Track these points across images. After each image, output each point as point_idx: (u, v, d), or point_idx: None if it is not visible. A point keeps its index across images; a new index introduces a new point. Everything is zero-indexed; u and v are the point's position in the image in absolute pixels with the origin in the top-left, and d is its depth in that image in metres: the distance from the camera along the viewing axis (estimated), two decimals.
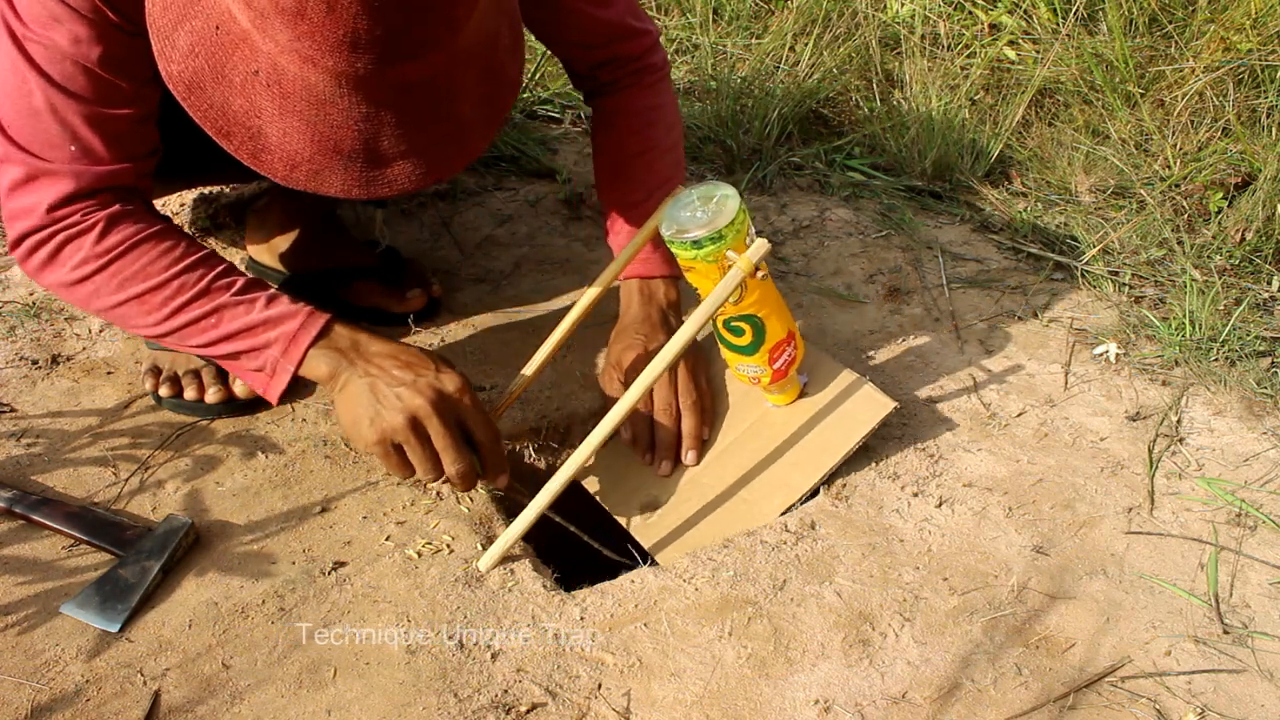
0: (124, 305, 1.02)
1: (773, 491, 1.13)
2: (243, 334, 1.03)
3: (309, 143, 0.85)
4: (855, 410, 1.15)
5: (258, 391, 1.08)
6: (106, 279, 1.01)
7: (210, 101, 0.84)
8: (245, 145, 0.86)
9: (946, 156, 1.92)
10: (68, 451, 1.15)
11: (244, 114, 0.84)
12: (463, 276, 1.55)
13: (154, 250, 1.02)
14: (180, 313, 1.02)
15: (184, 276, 1.02)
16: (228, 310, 1.03)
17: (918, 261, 1.64)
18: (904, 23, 2.24)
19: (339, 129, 0.84)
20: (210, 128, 0.86)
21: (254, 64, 0.81)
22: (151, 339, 1.11)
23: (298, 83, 0.81)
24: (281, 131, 0.84)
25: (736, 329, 1.10)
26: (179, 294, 1.02)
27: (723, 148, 1.96)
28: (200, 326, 1.03)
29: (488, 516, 1.11)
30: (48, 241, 1.00)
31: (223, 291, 1.03)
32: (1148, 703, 0.92)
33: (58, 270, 1.02)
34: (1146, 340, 1.45)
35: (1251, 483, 1.19)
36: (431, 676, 0.91)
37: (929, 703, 0.91)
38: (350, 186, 0.88)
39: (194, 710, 0.87)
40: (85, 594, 0.96)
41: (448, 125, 0.89)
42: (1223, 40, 1.95)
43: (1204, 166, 1.82)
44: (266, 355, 1.04)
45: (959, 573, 1.04)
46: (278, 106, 0.83)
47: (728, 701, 0.90)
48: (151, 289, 1.02)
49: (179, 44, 0.84)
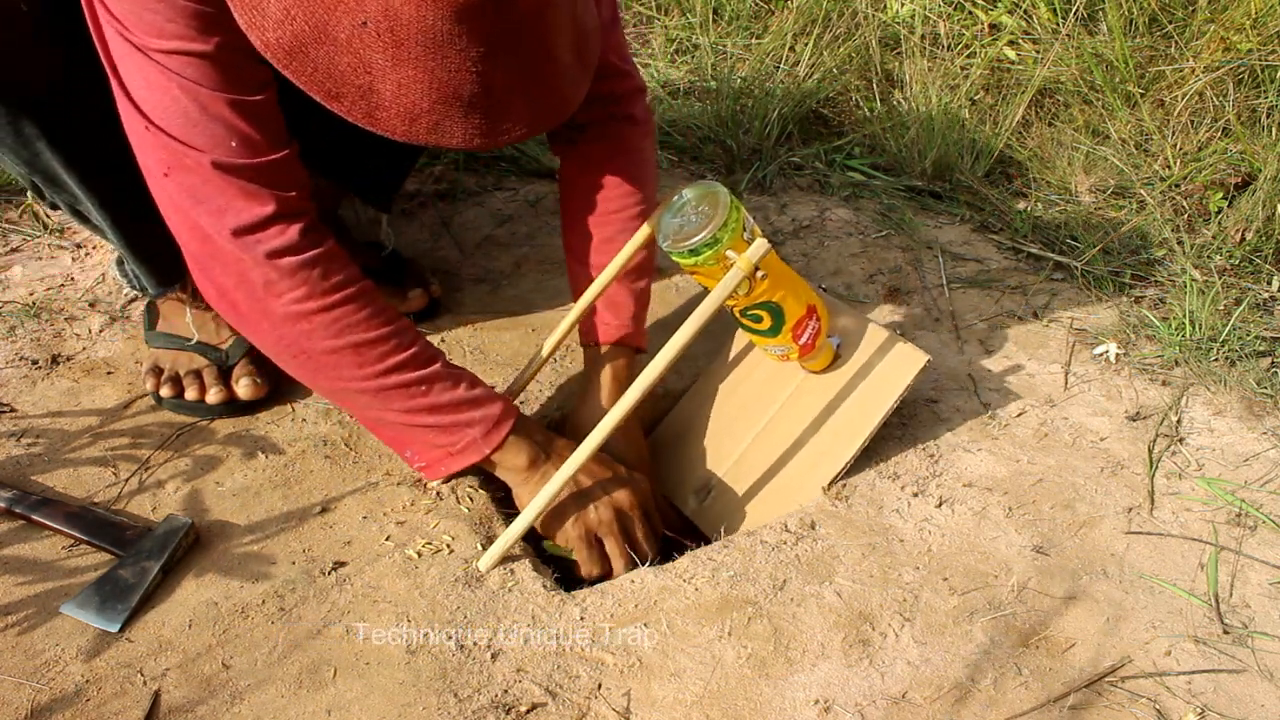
0: (339, 354, 0.97)
1: (818, 463, 1.15)
2: (448, 409, 1.01)
3: (427, 92, 0.81)
4: (889, 369, 1.15)
5: (417, 466, 1.06)
6: (328, 322, 0.95)
7: (315, 64, 0.80)
8: (358, 105, 0.82)
9: (946, 156, 1.92)
10: (68, 451, 1.15)
11: (353, 71, 0.80)
12: (463, 276, 1.55)
13: (373, 303, 0.98)
14: (394, 373, 0.98)
15: (400, 337, 0.99)
16: (439, 381, 1.00)
17: (918, 261, 1.64)
18: (904, 23, 2.24)
19: (457, 73, 0.80)
20: (318, 91, 0.81)
21: (361, 15, 0.77)
22: (337, 397, 1.04)
23: (413, 26, 0.77)
24: (396, 84, 0.81)
25: (754, 316, 1.10)
26: (396, 352, 0.98)
27: (723, 148, 1.96)
28: (410, 392, 0.99)
29: (488, 516, 1.11)
30: (258, 268, 0.93)
31: (433, 361, 1.01)
32: (1148, 703, 0.92)
33: (271, 301, 0.95)
34: (1146, 340, 1.45)
35: (1251, 483, 1.18)
36: (431, 676, 0.91)
37: (929, 703, 0.91)
38: (472, 136, 0.85)
39: (194, 710, 0.87)
40: (85, 594, 0.96)
41: (554, 68, 0.87)
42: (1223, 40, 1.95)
43: (1204, 166, 1.82)
44: (466, 434, 1.02)
45: (959, 573, 1.04)
46: (390, 57, 0.79)
47: (728, 701, 0.90)
48: (371, 342, 0.97)
49: (270, 11, 0.80)
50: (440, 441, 1.03)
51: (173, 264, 1.23)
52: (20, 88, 0.99)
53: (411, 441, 1.05)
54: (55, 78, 1.01)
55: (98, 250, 1.54)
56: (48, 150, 1.04)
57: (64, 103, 1.03)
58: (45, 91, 1.01)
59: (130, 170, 1.10)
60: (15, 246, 1.54)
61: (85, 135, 1.06)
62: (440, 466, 1.05)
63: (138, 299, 1.42)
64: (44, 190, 1.12)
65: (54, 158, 1.05)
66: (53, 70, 1.00)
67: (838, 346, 1.19)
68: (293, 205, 0.96)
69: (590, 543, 1.07)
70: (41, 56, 1.00)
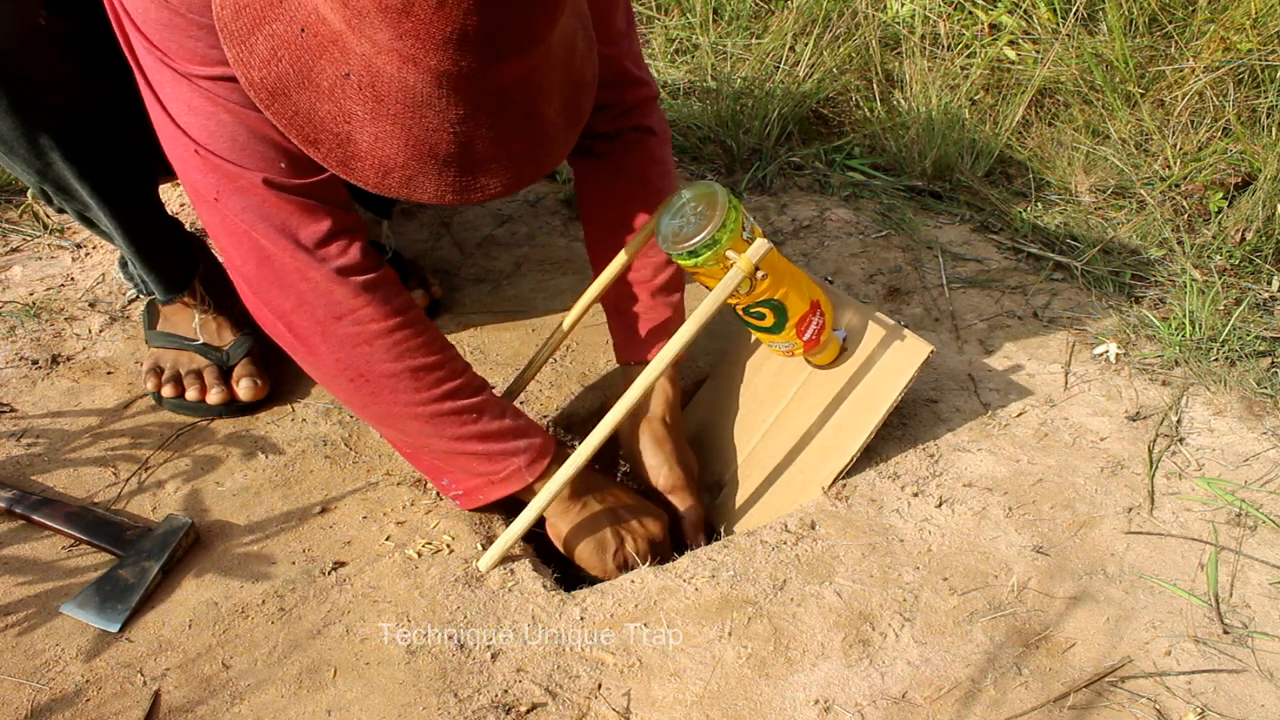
0: (397, 378, 0.97)
1: (825, 458, 1.15)
2: (496, 437, 1.02)
3: (403, 148, 0.81)
4: (894, 361, 1.15)
5: (454, 494, 1.07)
6: (389, 345, 0.96)
7: (296, 108, 0.81)
8: (334, 153, 0.82)
9: (946, 156, 1.92)
10: (68, 451, 1.15)
11: (332, 119, 0.81)
12: (463, 276, 1.55)
13: (429, 329, 0.99)
14: (449, 399, 0.99)
15: (453, 363, 1.00)
16: (490, 408, 1.01)
17: (918, 261, 1.64)
18: (904, 23, 2.24)
19: (435, 133, 0.80)
20: (296, 135, 0.82)
21: (345, 66, 0.78)
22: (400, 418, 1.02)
23: (394, 85, 0.77)
24: (373, 137, 0.81)
25: (757, 314, 1.10)
26: (451, 378, 0.99)
27: (723, 148, 1.96)
28: (462, 419, 1.00)
29: (488, 516, 1.11)
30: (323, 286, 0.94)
31: (484, 389, 1.02)
32: (1148, 703, 0.92)
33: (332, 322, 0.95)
34: (1146, 340, 1.45)
35: (1251, 483, 1.18)
36: (431, 676, 0.91)
37: (929, 703, 0.91)
38: (444, 192, 0.85)
39: (194, 710, 0.87)
40: (85, 594, 0.96)
41: (538, 127, 0.87)
42: (1223, 40, 1.95)
43: (1204, 166, 1.82)
44: (511, 463, 1.03)
45: (959, 573, 1.04)
46: (370, 111, 0.79)
47: (728, 701, 0.90)
48: (429, 367, 0.98)
49: (258, 49, 0.80)
50: (483, 469, 1.04)
51: (181, 271, 1.23)
52: (41, 104, 1.00)
53: (452, 470, 1.05)
54: (74, 93, 1.02)
55: (98, 250, 1.54)
56: (62, 162, 1.05)
57: (81, 118, 1.03)
58: (64, 107, 1.02)
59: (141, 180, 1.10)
60: (15, 246, 1.54)
61: (100, 149, 1.06)
62: (479, 495, 1.05)
63: (138, 299, 1.42)
64: (53, 197, 1.12)
65: (67, 169, 1.06)
66: (72, 86, 1.01)
67: (843, 340, 1.19)
68: (349, 222, 0.96)
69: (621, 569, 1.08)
70: (63, 73, 1.00)
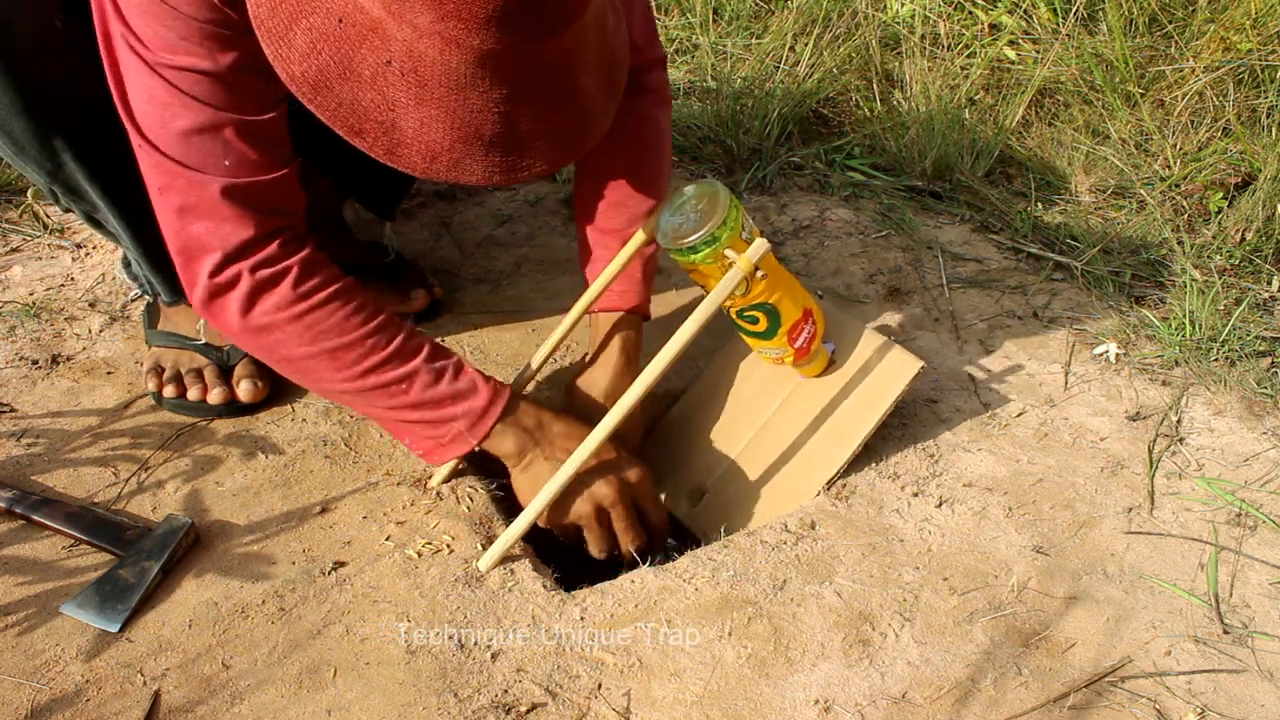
0: (314, 359, 0.98)
1: (813, 466, 1.14)
2: (430, 405, 1.01)
3: (448, 131, 0.82)
4: (885, 374, 1.15)
5: (417, 453, 1.07)
6: (299, 330, 0.97)
7: (339, 99, 0.81)
8: (380, 141, 0.83)
9: (946, 156, 1.92)
10: (68, 451, 1.15)
11: (376, 108, 0.81)
12: (463, 276, 1.55)
13: (348, 305, 0.99)
14: (373, 374, 0.99)
15: (376, 336, 0.99)
16: (419, 378, 1.01)
17: (918, 261, 1.64)
18: (904, 23, 2.24)
19: (479, 114, 0.81)
20: (340, 126, 0.82)
21: (385, 54, 0.78)
22: (328, 396, 1.06)
23: (437, 68, 0.78)
24: (418, 122, 0.81)
25: (750, 318, 1.10)
26: (373, 353, 0.99)
27: (723, 148, 1.96)
28: (390, 391, 1.00)
29: (488, 516, 1.11)
30: (235, 285, 0.95)
31: (413, 356, 1.01)
32: (1148, 703, 0.92)
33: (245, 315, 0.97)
34: (1146, 340, 1.45)
35: (1251, 483, 1.18)
36: (431, 676, 0.91)
37: (929, 703, 0.91)
38: (491, 173, 0.85)
39: (194, 710, 0.87)
40: (85, 594, 0.96)
41: (578, 103, 0.87)
42: (1223, 40, 1.95)
43: (1204, 166, 1.82)
44: (451, 428, 1.03)
45: (959, 573, 1.04)
46: (414, 96, 0.80)
47: (728, 701, 0.90)
48: (345, 345, 0.98)
49: (296, 44, 0.80)
50: (428, 434, 1.04)
51: None
52: (56, 106, 1.00)
53: (405, 433, 1.06)
54: (89, 95, 1.01)
55: (98, 250, 1.54)
56: (74, 163, 1.05)
57: (94, 120, 1.03)
58: (78, 110, 1.02)
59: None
60: (15, 246, 1.54)
61: (111, 150, 1.06)
62: (435, 455, 1.06)
63: (138, 299, 1.42)
64: (60, 198, 1.12)
65: (79, 170, 1.06)
66: (86, 88, 1.01)
67: (832, 352, 1.19)
68: (276, 225, 0.96)
69: (600, 519, 1.06)
70: (76, 77, 1.00)
